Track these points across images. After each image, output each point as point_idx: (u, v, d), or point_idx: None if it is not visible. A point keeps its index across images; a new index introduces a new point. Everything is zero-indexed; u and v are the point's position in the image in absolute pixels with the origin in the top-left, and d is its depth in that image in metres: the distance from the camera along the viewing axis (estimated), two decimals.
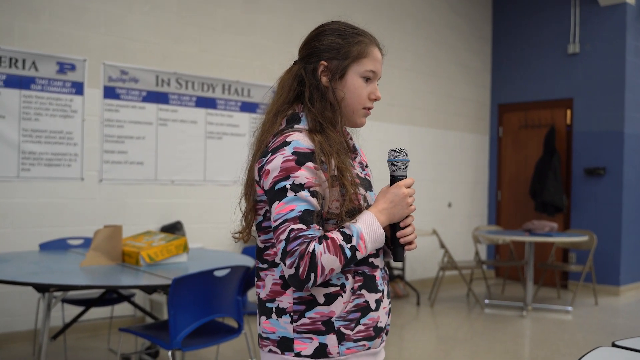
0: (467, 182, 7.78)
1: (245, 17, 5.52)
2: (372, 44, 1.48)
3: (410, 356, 4.46)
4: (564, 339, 4.87)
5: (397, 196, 1.39)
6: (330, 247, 1.28)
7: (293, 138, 1.33)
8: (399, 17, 6.87)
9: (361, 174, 1.48)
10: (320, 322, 1.35)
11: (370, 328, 1.39)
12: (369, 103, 1.46)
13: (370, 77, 1.45)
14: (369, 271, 1.40)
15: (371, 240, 1.34)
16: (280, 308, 1.37)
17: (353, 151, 1.49)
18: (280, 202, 1.30)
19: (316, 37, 1.46)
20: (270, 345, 1.39)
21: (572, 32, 7.25)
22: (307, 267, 1.26)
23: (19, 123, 4.32)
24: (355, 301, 1.37)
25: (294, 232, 1.27)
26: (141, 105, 4.91)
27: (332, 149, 1.35)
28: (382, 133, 6.63)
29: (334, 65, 1.42)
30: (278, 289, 1.38)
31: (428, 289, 6.74)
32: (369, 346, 1.40)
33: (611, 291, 6.83)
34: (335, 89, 1.42)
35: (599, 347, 1.66)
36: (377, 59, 1.47)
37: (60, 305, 4.12)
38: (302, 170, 1.30)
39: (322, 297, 1.35)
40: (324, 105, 1.41)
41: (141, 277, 2.95)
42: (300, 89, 1.43)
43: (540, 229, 6.10)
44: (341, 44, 1.43)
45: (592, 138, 7.09)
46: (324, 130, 1.38)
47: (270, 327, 1.39)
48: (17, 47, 4.29)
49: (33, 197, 4.39)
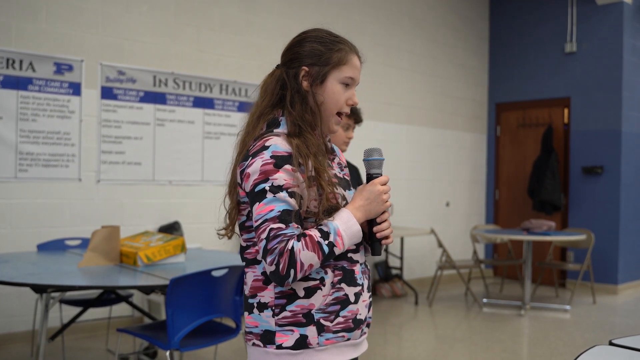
0: (465, 181, 7.79)
1: (242, 17, 5.52)
2: (352, 52, 1.53)
3: (409, 355, 4.46)
4: (562, 338, 4.88)
5: (373, 193, 1.45)
6: (309, 244, 1.35)
7: (272, 142, 1.40)
8: (396, 16, 6.87)
9: (339, 174, 1.56)
10: (301, 314, 1.42)
11: (349, 320, 1.45)
12: (345, 108, 1.53)
13: (349, 83, 1.52)
14: (348, 265, 1.47)
15: (348, 236, 1.40)
16: (262, 303, 1.45)
17: (331, 152, 1.57)
18: (260, 203, 1.37)
19: (298, 43, 1.53)
20: (254, 338, 1.46)
21: (569, 31, 7.26)
22: (287, 263, 1.33)
23: (16, 124, 4.31)
24: (334, 294, 1.44)
25: (274, 231, 1.35)
26: (139, 105, 4.90)
27: (309, 151, 1.42)
28: (380, 133, 6.63)
29: (315, 70, 1.49)
30: (259, 285, 1.45)
31: (426, 288, 6.74)
32: (348, 337, 1.46)
33: (609, 290, 6.84)
34: (315, 93, 1.49)
35: (596, 345, 1.67)
36: (356, 67, 1.53)
37: (58, 306, 4.12)
38: (280, 173, 1.37)
39: (302, 291, 1.42)
40: (304, 108, 1.48)
41: (139, 277, 2.95)
42: (283, 92, 1.50)
43: (538, 228, 6.11)
44: (322, 50, 1.49)
45: (589, 137, 7.10)
46: (303, 134, 1.45)
47: (253, 321, 1.46)
48: (15, 47, 4.29)
49: (31, 197, 4.38)
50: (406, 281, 6.53)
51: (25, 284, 2.68)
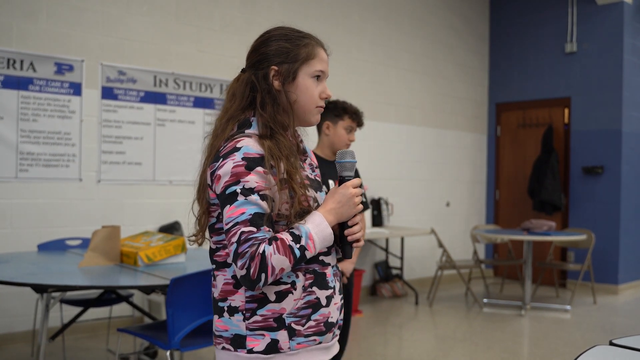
0: (465, 182, 7.79)
1: (243, 17, 5.52)
2: (318, 46, 1.52)
3: (409, 355, 4.46)
4: (563, 338, 4.88)
5: (345, 196, 1.44)
6: (280, 248, 1.33)
7: (243, 144, 1.38)
8: (395, 17, 6.87)
9: (311, 175, 1.54)
10: (272, 318, 1.40)
11: (321, 324, 1.45)
12: (320, 102, 1.52)
13: (320, 76, 1.51)
14: (320, 269, 1.46)
15: (320, 239, 1.39)
16: (233, 307, 1.43)
17: (303, 153, 1.56)
18: (231, 205, 1.35)
19: (263, 43, 1.51)
20: (224, 342, 1.44)
21: (569, 31, 7.26)
22: (258, 267, 1.31)
23: (17, 124, 4.32)
24: (306, 298, 1.43)
25: (245, 235, 1.32)
26: (139, 105, 4.90)
27: (281, 153, 1.41)
28: (380, 133, 6.63)
29: (285, 68, 1.47)
30: (230, 289, 1.44)
31: (426, 288, 6.74)
32: (319, 341, 1.45)
33: (610, 290, 6.84)
34: (287, 91, 1.47)
35: (596, 345, 1.67)
36: (324, 59, 1.52)
37: (58, 306, 4.12)
38: (252, 175, 1.35)
39: (273, 295, 1.40)
40: (276, 109, 1.46)
41: (139, 277, 2.95)
42: (253, 94, 1.48)
43: (538, 228, 6.11)
44: (289, 47, 1.48)
45: (589, 137, 7.10)
46: (274, 135, 1.43)
47: (223, 325, 1.44)
48: (15, 47, 4.29)
49: (31, 197, 4.39)
50: (406, 281, 6.53)
51: (26, 283, 2.69)
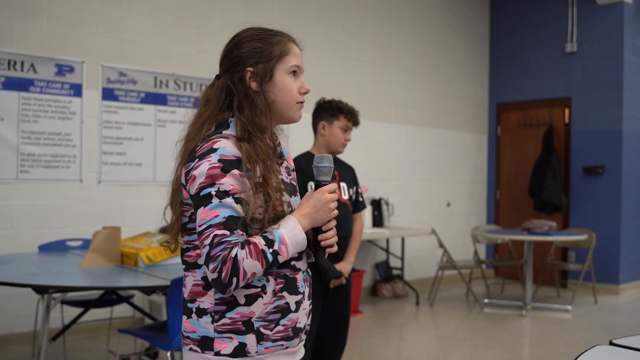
0: (465, 182, 7.79)
1: (243, 18, 5.52)
2: (290, 41, 1.51)
3: (410, 356, 4.46)
4: (564, 338, 4.88)
5: (320, 201, 1.43)
6: (253, 252, 1.32)
7: (220, 145, 1.37)
8: (395, 17, 6.87)
9: (287, 179, 1.53)
10: (241, 322, 1.39)
11: (289, 329, 1.44)
12: (300, 97, 1.50)
13: (296, 71, 1.50)
14: (291, 274, 1.45)
15: (293, 244, 1.38)
16: (201, 308, 1.41)
17: (280, 156, 1.53)
18: (205, 207, 1.33)
19: (235, 46, 1.50)
20: (191, 344, 1.43)
21: (569, 31, 7.26)
22: (230, 271, 1.30)
23: (17, 125, 4.32)
24: (275, 302, 1.42)
25: (218, 238, 1.31)
26: (139, 106, 4.91)
27: (258, 157, 1.39)
28: (380, 133, 6.63)
29: (261, 68, 1.46)
30: (199, 290, 1.42)
31: (427, 288, 6.74)
32: (287, 346, 1.45)
33: (611, 290, 6.83)
34: (266, 91, 1.46)
35: (596, 345, 1.67)
36: (298, 54, 1.51)
37: (59, 307, 4.12)
38: (227, 178, 1.34)
39: (242, 298, 1.39)
40: (253, 112, 1.44)
41: (140, 278, 2.95)
42: (229, 98, 1.46)
43: (539, 228, 6.11)
44: (262, 47, 1.47)
45: (590, 137, 7.10)
46: (252, 139, 1.42)
47: (191, 326, 1.43)
48: (16, 49, 4.29)
49: (32, 198, 4.39)
50: (407, 281, 6.53)
51: (27, 284, 2.69)
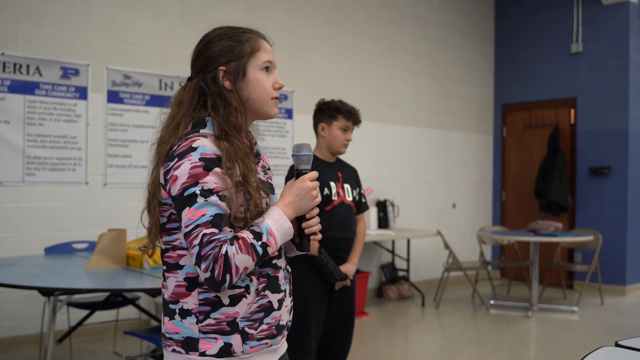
0: (471, 183, 7.77)
1: (246, 20, 5.50)
2: (260, 37, 1.52)
3: (416, 357, 4.45)
4: (570, 339, 4.86)
5: (302, 190, 1.44)
6: (242, 247, 1.32)
7: (199, 144, 1.36)
8: (399, 18, 6.87)
9: (264, 178, 1.53)
10: (225, 322, 1.39)
11: (272, 327, 1.45)
12: (275, 93, 1.50)
13: (269, 66, 1.50)
14: (273, 272, 1.46)
15: (280, 234, 1.39)
16: (185, 309, 1.40)
17: (256, 155, 1.53)
18: (190, 208, 1.32)
19: (205, 47, 1.49)
20: (174, 345, 1.42)
21: (575, 31, 7.23)
22: (222, 269, 1.30)
23: (23, 128, 4.34)
24: (259, 302, 1.42)
25: (207, 237, 1.31)
26: (145, 109, 4.92)
27: (237, 156, 1.39)
28: (386, 135, 6.63)
29: (233, 66, 1.46)
30: (182, 291, 1.41)
31: (433, 290, 6.73)
32: (270, 344, 1.46)
33: (617, 291, 6.80)
34: (240, 89, 1.46)
35: (601, 347, 1.66)
36: (269, 50, 1.51)
37: (65, 309, 4.14)
38: (210, 176, 1.33)
39: (227, 299, 1.39)
40: (228, 111, 1.44)
41: (145, 280, 2.96)
42: (203, 99, 1.46)
43: (545, 229, 6.08)
44: (233, 45, 1.46)
45: (596, 137, 7.07)
46: (229, 138, 1.41)
47: (174, 327, 1.42)
48: (22, 52, 4.32)
49: (38, 201, 4.41)
50: (413, 283, 6.52)
51: (33, 287, 2.71)
